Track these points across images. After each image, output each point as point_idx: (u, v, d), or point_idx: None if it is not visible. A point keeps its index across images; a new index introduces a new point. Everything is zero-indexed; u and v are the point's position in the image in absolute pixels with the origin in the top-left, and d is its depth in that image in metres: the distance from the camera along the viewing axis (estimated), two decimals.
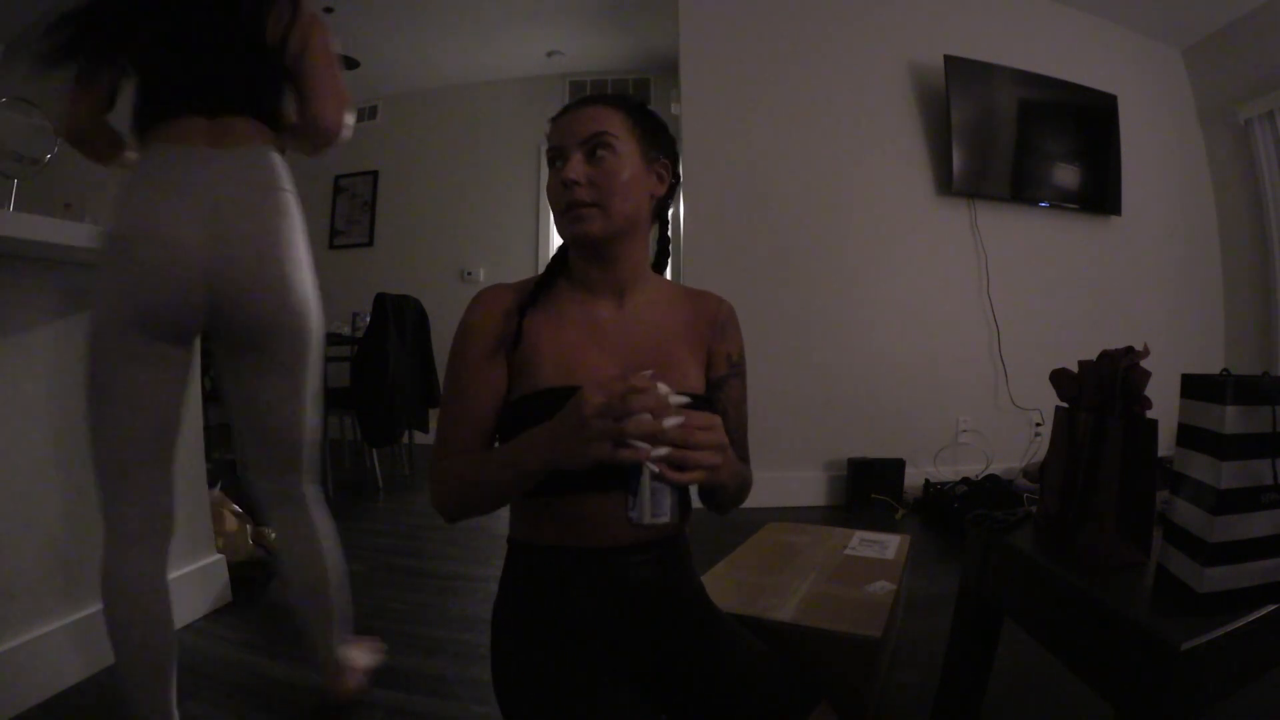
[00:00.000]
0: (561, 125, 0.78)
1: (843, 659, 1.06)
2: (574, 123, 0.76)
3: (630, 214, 0.77)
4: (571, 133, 0.76)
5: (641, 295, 0.83)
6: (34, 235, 1.12)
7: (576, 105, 0.79)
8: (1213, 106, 3.45)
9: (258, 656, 1.50)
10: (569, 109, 0.79)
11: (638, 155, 0.77)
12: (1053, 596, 0.77)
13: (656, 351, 0.79)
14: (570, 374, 0.74)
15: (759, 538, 1.56)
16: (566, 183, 0.74)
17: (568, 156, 0.75)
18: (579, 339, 0.78)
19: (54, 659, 1.31)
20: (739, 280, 2.86)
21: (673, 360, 0.79)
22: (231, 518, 1.97)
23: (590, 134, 0.75)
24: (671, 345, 0.81)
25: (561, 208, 0.76)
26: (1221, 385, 0.62)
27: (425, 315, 3.53)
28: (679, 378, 0.77)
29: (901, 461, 2.83)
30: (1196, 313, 3.46)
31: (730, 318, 0.87)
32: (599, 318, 0.80)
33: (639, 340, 0.80)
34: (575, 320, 0.80)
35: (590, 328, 0.79)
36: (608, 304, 0.81)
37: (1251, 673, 0.64)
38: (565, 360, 0.76)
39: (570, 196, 0.74)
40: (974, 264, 3.08)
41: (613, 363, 0.77)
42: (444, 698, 1.33)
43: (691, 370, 0.81)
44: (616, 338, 0.79)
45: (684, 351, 0.81)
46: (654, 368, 0.73)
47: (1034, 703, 1.27)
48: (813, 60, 2.99)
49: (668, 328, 0.82)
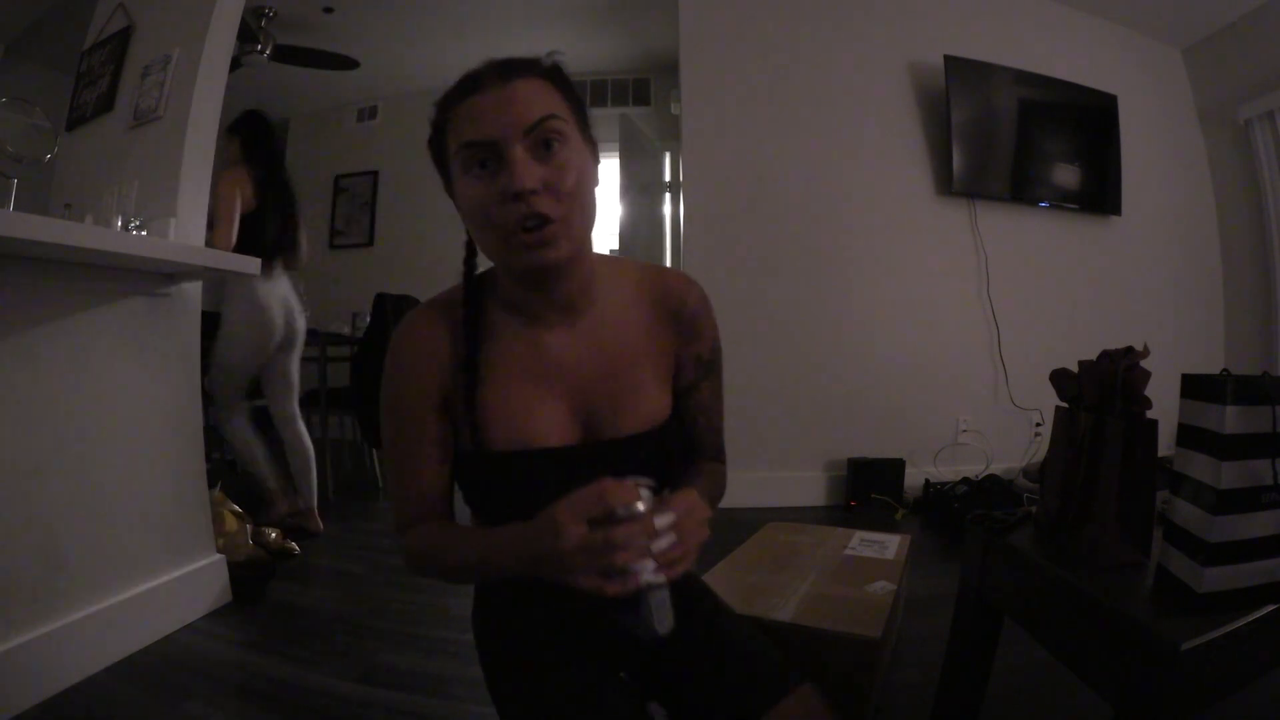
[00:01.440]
0: (484, 108, 0.58)
1: (843, 659, 1.06)
2: (506, 104, 0.58)
3: (591, 221, 0.64)
4: (506, 119, 0.58)
5: (594, 310, 0.69)
6: (34, 235, 1.12)
7: (494, 78, 0.59)
8: (1213, 106, 3.45)
9: (258, 656, 1.50)
10: (483, 83, 0.59)
11: (581, 140, 0.63)
12: (1053, 596, 0.77)
13: (613, 382, 0.68)
14: (521, 432, 0.65)
15: (759, 538, 1.56)
16: (519, 193, 0.57)
17: (504, 154, 0.58)
18: (524, 387, 0.67)
19: (54, 659, 1.31)
20: (739, 280, 2.86)
21: (633, 386, 0.69)
22: (231, 518, 1.97)
23: (535, 119, 0.58)
24: (631, 371, 0.70)
25: (510, 228, 0.59)
26: (1221, 385, 0.62)
27: None
28: (639, 407, 0.69)
29: (901, 461, 2.83)
30: (1196, 313, 3.46)
31: (700, 308, 0.74)
32: (545, 350, 0.68)
33: (592, 373, 0.68)
34: (518, 360, 0.67)
35: (536, 369, 0.67)
36: (554, 331, 0.68)
37: (1251, 673, 0.64)
38: (513, 416, 0.66)
39: (526, 211, 0.57)
40: (974, 264, 3.08)
41: (564, 409, 0.67)
42: (444, 698, 1.33)
43: (653, 393, 0.71)
44: (567, 376, 0.68)
45: (646, 373, 0.71)
46: (612, 401, 0.67)
47: (1034, 703, 1.27)
48: (813, 60, 2.99)
49: (626, 347, 0.70)
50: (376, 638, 1.59)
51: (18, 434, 1.29)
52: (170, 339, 1.68)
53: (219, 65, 1.84)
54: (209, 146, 1.83)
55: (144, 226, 1.60)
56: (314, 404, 3.20)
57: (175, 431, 1.69)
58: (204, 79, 1.77)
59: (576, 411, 0.68)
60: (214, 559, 1.76)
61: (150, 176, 1.73)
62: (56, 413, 1.37)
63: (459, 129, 0.60)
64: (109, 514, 1.49)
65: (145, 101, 1.79)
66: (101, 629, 1.41)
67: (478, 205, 0.60)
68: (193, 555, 1.71)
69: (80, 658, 1.36)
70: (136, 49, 1.90)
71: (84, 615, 1.37)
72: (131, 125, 1.82)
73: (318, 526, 2.43)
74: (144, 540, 1.57)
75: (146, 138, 1.80)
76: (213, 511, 1.84)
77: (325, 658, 1.49)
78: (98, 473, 1.46)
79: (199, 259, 1.57)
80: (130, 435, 1.55)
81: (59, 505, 1.37)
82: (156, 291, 1.63)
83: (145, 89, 1.80)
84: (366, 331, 3.15)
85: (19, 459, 1.30)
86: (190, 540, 1.71)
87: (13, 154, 1.35)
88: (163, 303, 1.65)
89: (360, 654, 1.51)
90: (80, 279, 1.42)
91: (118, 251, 1.33)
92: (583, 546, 0.52)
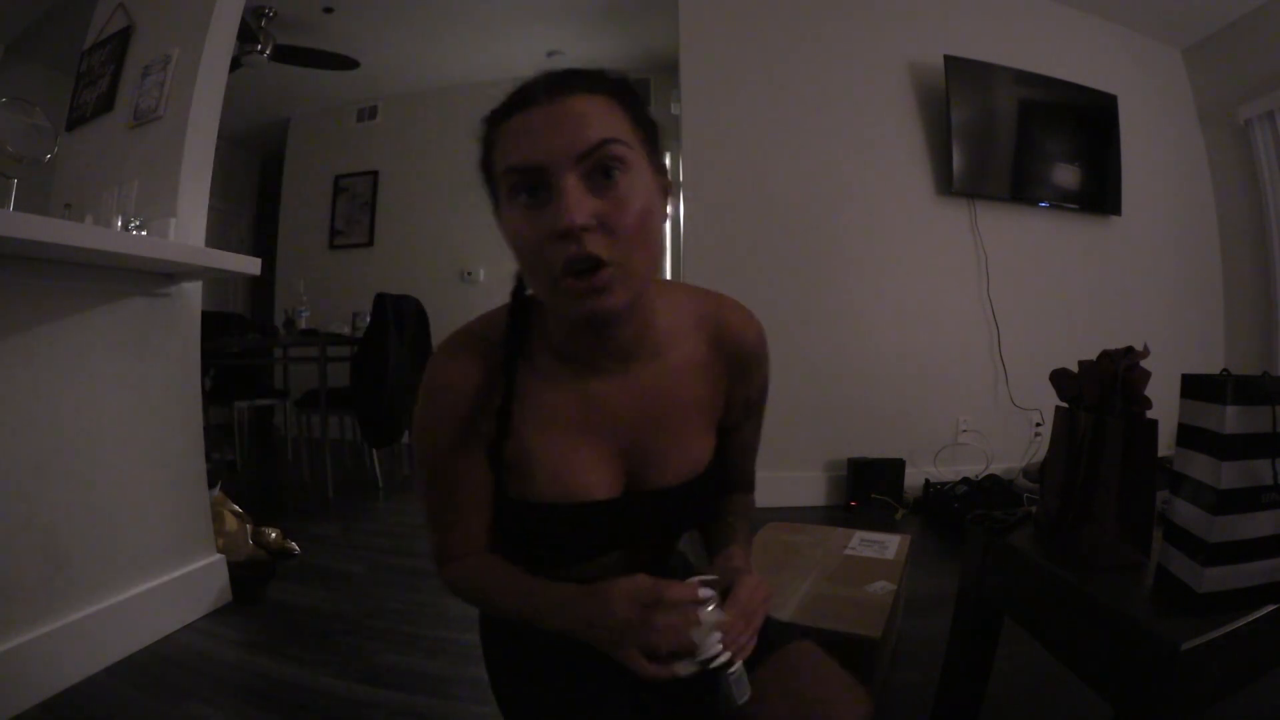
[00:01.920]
0: (533, 127, 0.50)
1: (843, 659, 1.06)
2: (558, 124, 0.50)
3: (656, 264, 0.56)
4: (558, 142, 0.50)
5: (649, 356, 0.63)
6: (34, 235, 1.12)
7: (547, 92, 0.51)
8: (1213, 106, 3.44)
9: (258, 656, 1.50)
10: (534, 97, 0.51)
11: (649, 169, 0.55)
12: (1053, 596, 0.77)
13: (662, 434, 0.64)
14: (563, 484, 0.62)
15: (759, 538, 1.56)
16: (569, 231, 0.49)
17: (554, 183, 0.50)
18: (569, 437, 0.62)
19: (54, 659, 1.31)
20: (739, 280, 2.85)
21: (681, 437, 0.66)
22: (231, 518, 1.97)
23: (592, 144, 0.50)
24: (682, 422, 0.65)
25: (558, 270, 0.50)
26: (1221, 385, 0.62)
27: (425, 315, 3.53)
28: (685, 456, 0.66)
29: (901, 461, 2.83)
30: (1196, 313, 3.46)
31: (757, 349, 0.70)
32: (593, 399, 0.62)
33: (642, 424, 0.63)
34: (564, 409, 0.62)
35: (582, 419, 0.62)
36: (604, 379, 0.62)
37: (1251, 673, 0.64)
38: (556, 468, 0.62)
39: (576, 252, 0.49)
40: (974, 264, 3.08)
41: (608, 458, 0.63)
42: (444, 698, 1.33)
43: (701, 441, 0.68)
44: (615, 428, 0.63)
45: (696, 422, 0.67)
46: (660, 455, 0.64)
47: (1034, 703, 1.27)
48: (813, 60, 2.99)
49: (679, 396, 0.65)
50: (376, 638, 1.59)
51: (18, 434, 1.29)
52: (170, 339, 1.68)
53: (219, 65, 1.84)
54: (209, 146, 1.82)
55: (144, 226, 1.60)
56: (314, 404, 3.20)
57: (175, 431, 1.69)
58: (204, 79, 1.77)
59: (621, 462, 0.64)
60: (214, 559, 1.76)
61: (150, 176, 1.73)
62: (56, 413, 1.37)
63: (505, 149, 0.52)
64: (109, 514, 1.49)
65: (145, 101, 1.79)
66: (101, 629, 1.41)
67: (523, 241, 0.52)
68: (193, 555, 1.71)
69: (80, 658, 1.36)
70: (136, 49, 1.90)
71: (84, 615, 1.37)
72: (131, 125, 1.82)
73: None
74: (144, 540, 1.57)
75: (146, 138, 1.80)
76: (213, 511, 1.84)
77: (325, 658, 1.49)
78: (98, 473, 1.46)
79: (199, 259, 1.57)
80: (130, 435, 1.55)
81: (59, 505, 1.37)
82: (156, 291, 1.63)
83: (145, 89, 1.80)
84: (366, 331, 3.15)
85: (19, 459, 1.30)
86: (190, 540, 1.71)
87: (13, 154, 1.35)
88: (163, 303, 1.65)
89: (360, 654, 1.51)
90: (80, 279, 1.42)
91: (118, 251, 1.32)
92: (631, 625, 0.52)
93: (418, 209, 4.76)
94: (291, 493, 3.17)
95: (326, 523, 2.60)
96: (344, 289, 4.63)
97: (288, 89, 4.60)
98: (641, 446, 0.64)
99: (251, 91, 4.39)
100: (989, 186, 3.05)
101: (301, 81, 4.32)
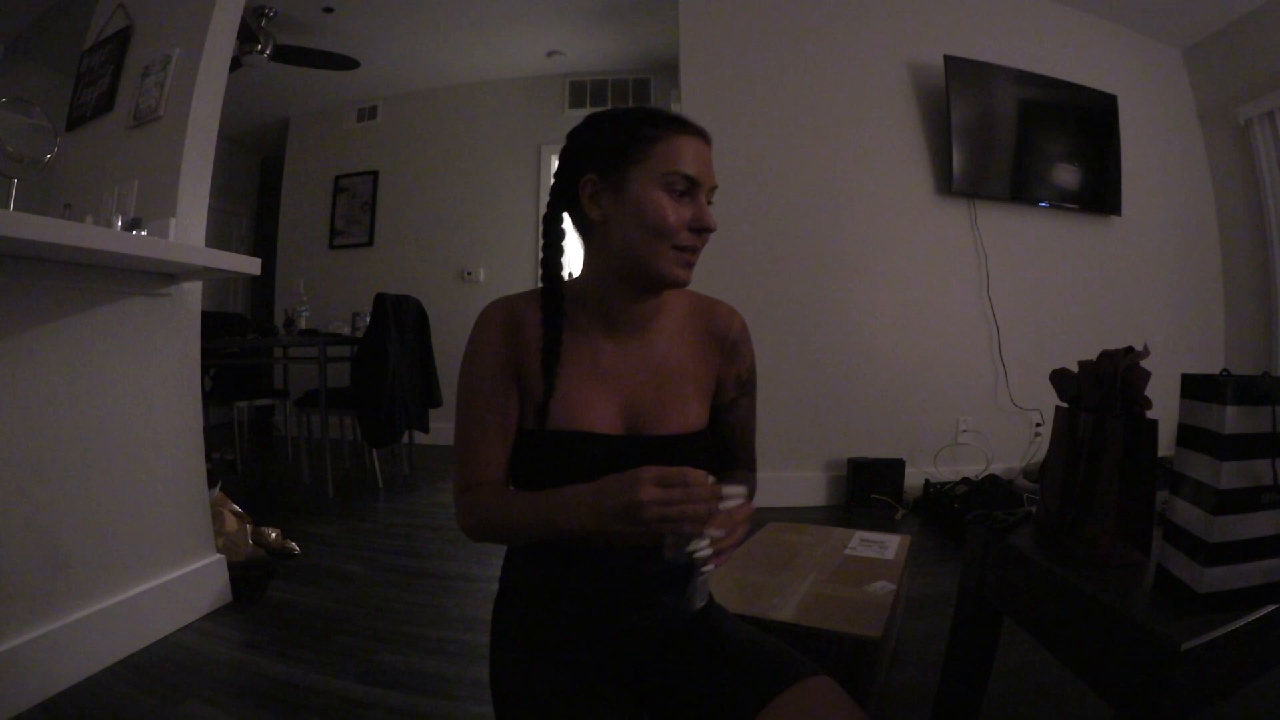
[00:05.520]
0: (702, 156, 0.73)
1: (843, 659, 1.06)
2: (709, 163, 0.74)
3: None
4: (708, 173, 0.73)
5: (653, 329, 0.80)
6: (34, 235, 1.12)
7: (701, 136, 0.74)
8: (1213, 106, 3.45)
9: (258, 656, 1.50)
10: (693, 131, 0.73)
11: None
12: (1053, 596, 0.77)
13: (660, 391, 0.77)
14: (574, 417, 0.74)
15: (759, 538, 1.56)
16: (706, 228, 0.72)
17: (697, 194, 0.73)
18: (583, 381, 0.76)
19: (54, 659, 1.31)
20: (738, 280, 2.86)
21: (676, 397, 0.78)
22: (231, 518, 1.97)
23: (714, 183, 0.74)
24: (677, 383, 0.79)
25: (677, 245, 0.72)
26: (1221, 385, 0.62)
27: (425, 315, 3.53)
28: (680, 414, 0.77)
29: (901, 461, 2.83)
30: (1196, 313, 3.46)
31: (742, 334, 0.85)
32: (604, 355, 0.77)
33: (642, 381, 0.78)
34: (581, 358, 0.77)
35: (594, 369, 0.77)
36: (618, 340, 0.78)
37: (1251, 673, 0.64)
38: (571, 403, 0.74)
39: (696, 242, 0.73)
40: (974, 264, 3.08)
41: (614, 404, 0.76)
42: (444, 698, 1.33)
43: (694, 406, 0.80)
44: (620, 380, 0.77)
45: (689, 387, 0.80)
46: (657, 407, 0.76)
47: (1034, 703, 1.27)
48: (813, 60, 2.99)
49: (674, 361, 0.80)
50: (376, 638, 1.59)
51: (18, 434, 1.29)
52: (170, 339, 1.68)
53: (219, 65, 1.84)
54: (209, 146, 1.82)
55: (144, 226, 1.60)
56: (314, 404, 3.20)
57: (175, 432, 1.69)
58: (204, 79, 1.77)
59: (625, 410, 0.76)
60: (214, 559, 1.76)
61: (150, 176, 1.73)
62: (56, 413, 1.37)
63: (673, 152, 0.71)
64: (109, 514, 1.49)
65: (145, 101, 1.79)
66: (101, 629, 1.41)
67: (662, 215, 0.71)
68: (193, 555, 1.71)
69: (80, 658, 1.36)
70: (136, 49, 1.90)
71: (84, 615, 1.38)
72: (131, 125, 1.82)
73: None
74: (144, 540, 1.57)
75: (146, 138, 1.80)
76: (213, 511, 1.84)
77: (325, 658, 1.49)
78: (98, 473, 1.46)
79: (199, 259, 1.57)
80: (130, 435, 1.55)
81: (59, 505, 1.37)
82: (156, 291, 1.63)
83: (145, 89, 1.80)
84: (366, 331, 3.15)
85: (19, 459, 1.30)
86: (190, 540, 1.71)
87: (13, 154, 1.36)
88: (163, 303, 1.65)
89: (360, 654, 1.51)
90: (80, 279, 1.42)
91: (118, 251, 1.32)
92: (656, 500, 0.60)
93: (418, 209, 4.76)
94: (291, 493, 3.17)
95: (326, 523, 2.60)
96: (344, 289, 4.64)
97: (288, 89, 4.60)
98: (642, 398, 0.77)
99: (252, 91, 4.39)
100: (989, 186, 3.05)
101: (301, 81, 4.32)
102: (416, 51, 4.19)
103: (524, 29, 3.94)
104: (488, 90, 4.67)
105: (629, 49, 4.18)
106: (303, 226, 5.02)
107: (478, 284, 4.63)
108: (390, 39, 3.99)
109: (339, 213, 4.93)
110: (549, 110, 4.59)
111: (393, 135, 4.84)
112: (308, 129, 5.09)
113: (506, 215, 4.64)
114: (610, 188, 0.73)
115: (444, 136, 4.74)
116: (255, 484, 3.34)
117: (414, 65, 4.38)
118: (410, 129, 4.81)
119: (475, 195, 4.69)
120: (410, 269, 4.65)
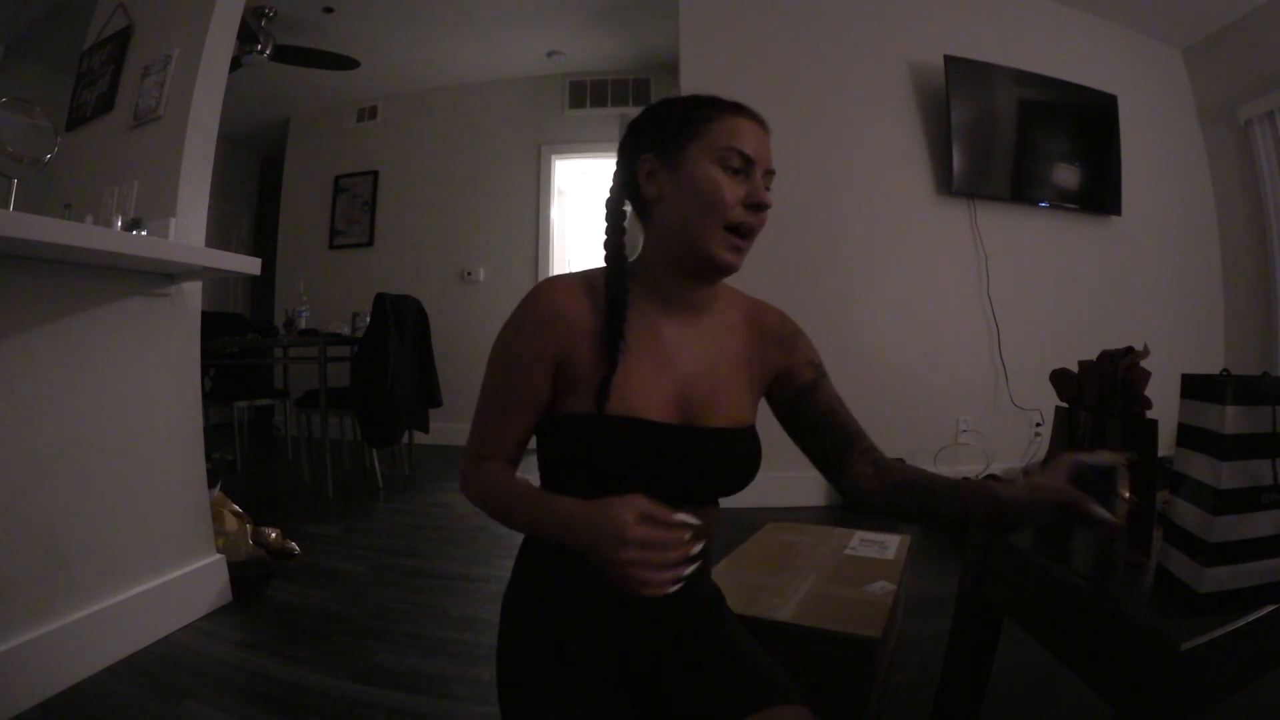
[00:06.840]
0: (759, 138, 0.74)
1: (843, 659, 1.06)
2: (766, 145, 0.74)
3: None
4: (766, 155, 0.74)
5: (711, 315, 0.79)
6: (34, 235, 1.12)
7: (759, 121, 0.76)
8: (1213, 106, 3.45)
9: (258, 656, 1.50)
10: (751, 115, 0.75)
11: None
12: (1053, 596, 0.77)
13: (714, 378, 0.76)
14: (629, 403, 0.70)
15: (759, 538, 1.56)
16: (761, 205, 0.72)
17: (753, 176, 0.72)
18: (641, 364, 0.73)
19: (54, 659, 1.31)
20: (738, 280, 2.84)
21: (730, 386, 0.78)
22: (231, 518, 1.97)
23: (771, 166, 0.75)
24: (731, 371, 0.78)
25: (731, 225, 0.71)
26: (1221, 385, 0.62)
27: (425, 315, 3.53)
28: (731, 405, 0.77)
29: (902, 461, 2.83)
30: (1196, 313, 3.46)
31: (795, 329, 0.86)
32: (663, 336, 0.76)
33: (698, 366, 0.76)
34: (640, 339, 0.74)
35: (653, 350, 0.74)
36: (676, 321, 0.77)
37: (1251, 673, 0.64)
38: (628, 388, 0.71)
39: (752, 220, 0.72)
40: (974, 264, 3.08)
41: (670, 387, 0.74)
42: (444, 698, 1.33)
43: (745, 399, 0.79)
44: (677, 363, 0.75)
45: (741, 378, 0.79)
46: (710, 395, 0.75)
47: (1034, 703, 1.27)
48: (813, 60, 2.99)
49: (730, 352, 0.79)
50: (376, 638, 1.59)
51: (18, 434, 1.29)
52: (170, 339, 1.68)
53: (219, 65, 1.84)
54: (209, 146, 1.82)
55: (144, 226, 1.60)
56: (314, 404, 3.20)
57: (175, 432, 1.69)
58: (204, 79, 1.77)
59: (679, 395, 0.74)
60: (214, 559, 1.76)
61: (150, 176, 1.73)
62: (56, 413, 1.37)
63: (729, 130, 0.72)
64: (109, 514, 1.49)
65: (145, 101, 1.79)
66: (101, 629, 1.41)
67: (717, 190, 0.71)
68: (193, 555, 1.71)
69: (80, 658, 1.36)
70: (136, 49, 1.90)
71: (84, 615, 1.37)
72: (131, 125, 1.82)
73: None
74: (144, 540, 1.57)
75: (146, 138, 1.80)
76: (213, 511, 1.84)
77: (325, 658, 1.49)
78: (98, 473, 1.46)
79: (199, 259, 1.57)
80: (130, 435, 1.55)
81: (59, 505, 1.37)
82: (156, 291, 1.63)
83: (145, 89, 1.80)
84: (366, 331, 3.15)
85: (19, 459, 1.30)
86: (190, 540, 1.71)
87: (13, 154, 1.36)
88: (163, 303, 1.65)
89: (360, 654, 1.51)
90: (80, 279, 1.42)
91: (118, 251, 1.32)
92: (638, 538, 0.59)
93: (418, 209, 4.76)
94: (291, 493, 3.17)
95: (326, 523, 2.60)
96: (344, 289, 4.63)
97: (288, 89, 4.60)
98: (696, 386, 0.75)
99: (252, 91, 4.39)
100: (989, 186, 3.05)
101: (301, 81, 4.32)
102: (416, 51, 4.19)
103: (524, 29, 3.94)
104: (488, 90, 4.67)
105: (629, 49, 4.18)
106: (303, 226, 5.02)
107: (478, 284, 4.63)
108: (390, 39, 3.99)
109: (339, 213, 4.93)
110: (549, 110, 4.59)
111: (393, 135, 4.84)
112: (308, 129, 5.09)
113: (506, 215, 4.64)
114: (666, 166, 0.73)
115: (444, 136, 4.74)
116: (255, 484, 3.34)
117: (414, 65, 4.38)
118: (410, 129, 4.81)
119: (475, 195, 4.68)
120: (410, 269, 4.65)
